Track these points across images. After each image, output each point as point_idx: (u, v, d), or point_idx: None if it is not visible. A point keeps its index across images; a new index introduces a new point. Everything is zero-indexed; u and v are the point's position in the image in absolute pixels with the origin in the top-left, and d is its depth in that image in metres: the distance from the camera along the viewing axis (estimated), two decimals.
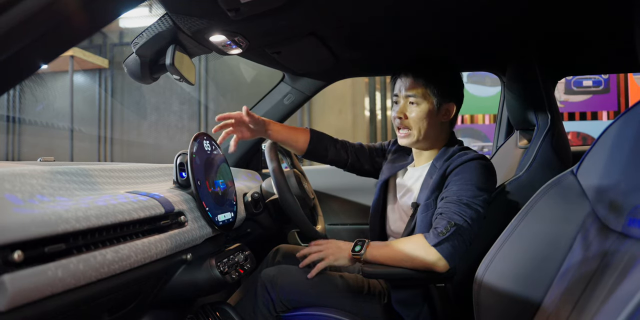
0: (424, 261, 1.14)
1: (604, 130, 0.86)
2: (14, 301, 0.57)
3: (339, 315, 1.27)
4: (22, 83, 0.52)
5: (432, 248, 1.13)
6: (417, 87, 1.30)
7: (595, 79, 4.12)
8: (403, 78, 1.33)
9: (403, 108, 1.32)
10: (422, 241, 1.16)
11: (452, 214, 1.16)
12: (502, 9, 1.17)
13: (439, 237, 1.13)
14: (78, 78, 5.15)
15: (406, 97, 1.32)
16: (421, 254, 1.14)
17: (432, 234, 1.15)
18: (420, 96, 1.30)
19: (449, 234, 1.12)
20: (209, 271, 1.04)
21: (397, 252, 1.17)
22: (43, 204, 0.68)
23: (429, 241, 1.14)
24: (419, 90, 1.30)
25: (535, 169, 1.36)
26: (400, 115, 1.32)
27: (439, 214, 1.18)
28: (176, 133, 4.99)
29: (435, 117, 1.32)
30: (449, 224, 1.14)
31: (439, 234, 1.13)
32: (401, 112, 1.32)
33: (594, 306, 0.73)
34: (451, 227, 1.13)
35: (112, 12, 0.56)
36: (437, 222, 1.17)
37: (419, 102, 1.30)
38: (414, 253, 1.15)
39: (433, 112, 1.31)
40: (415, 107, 1.31)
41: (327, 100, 4.44)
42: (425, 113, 1.30)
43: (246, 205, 1.41)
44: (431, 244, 1.13)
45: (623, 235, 0.76)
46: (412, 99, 1.31)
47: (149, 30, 1.13)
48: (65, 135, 4.88)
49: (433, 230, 1.16)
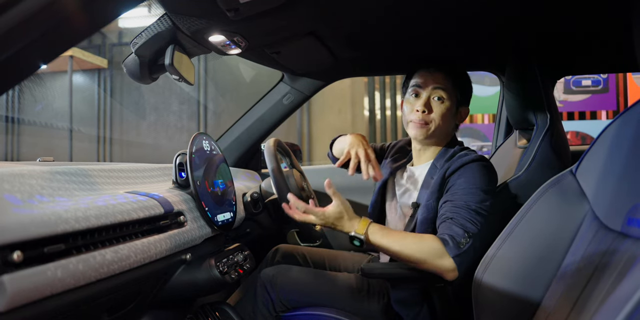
0: (437, 267, 1.09)
1: (603, 129, 0.86)
2: (13, 301, 0.57)
3: (339, 315, 1.27)
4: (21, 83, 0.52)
5: (450, 258, 1.08)
6: (447, 84, 1.29)
7: (594, 78, 4.12)
8: (433, 72, 1.30)
9: (427, 101, 1.29)
10: (440, 248, 1.09)
11: (464, 221, 1.12)
12: (501, 8, 1.18)
13: (459, 249, 1.08)
14: (77, 78, 5.15)
15: (434, 89, 1.29)
16: (437, 261, 1.08)
17: (450, 242, 1.09)
18: (448, 93, 1.29)
19: (467, 246, 1.09)
20: (209, 271, 1.04)
21: (406, 248, 1.11)
22: (42, 204, 0.68)
23: (449, 250, 1.08)
24: (447, 85, 1.29)
25: (534, 168, 1.36)
26: (425, 109, 1.28)
27: (449, 218, 1.14)
28: (175, 133, 4.99)
29: (453, 117, 1.33)
30: (467, 235, 1.10)
31: (458, 244, 1.08)
32: (427, 105, 1.29)
33: (593, 306, 0.73)
34: (469, 238, 1.10)
35: (112, 12, 0.56)
36: (448, 228, 1.12)
37: (445, 99, 1.29)
38: (429, 257, 1.09)
39: (452, 112, 1.32)
40: (440, 103, 1.29)
41: (327, 100, 4.44)
42: (447, 110, 1.29)
43: (245, 205, 1.41)
44: (451, 254, 1.08)
45: (622, 234, 0.76)
46: (440, 93, 1.29)
47: (148, 30, 1.13)
48: (64, 135, 4.88)
49: (450, 238, 1.10)
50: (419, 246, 1.10)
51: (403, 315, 1.24)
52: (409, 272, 1.17)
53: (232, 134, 1.88)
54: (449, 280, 1.10)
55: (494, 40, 1.44)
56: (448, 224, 1.14)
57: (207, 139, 1.23)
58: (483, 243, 1.08)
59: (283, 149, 1.60)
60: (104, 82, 5.18)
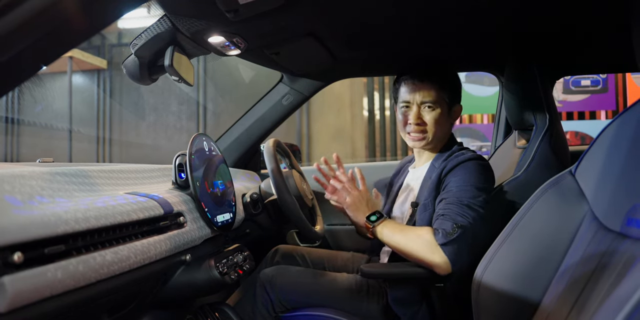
0: (427, 258, 1.12)
1: (603, 129, 0.86)
2: (13, 302, 0.57)
3: (338, 316, 1.27)
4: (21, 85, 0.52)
5: (438, 247, 1.11)
6: (431, 92, 1.30)
7: (593, 78, 4.12)
8: (417, 83, 1.31)
9: (418, 113, 1.31)
10: (430, 237, 1.13)
11: (455, 215, 1.14)
12: (500, 9, 1.18)
13: (447, 237, 1.11)
14: (77, 79, 5.15)
15: (422, 103, 1.31)
16: (426, 250, 1.12)
17: (440, 232, 1.13)
18: (436, 101, 1.30)
19: (456, 235, 1.11)
20: (208, 272, 1.04)
21: (405, 240, 1.17)
22: (42, 205, 0.68)
23: (437, 239, 1.12)
24: (434, 96, 1.30)
25: (533, 168, 1.36)
26: (418, 122, 1.31)
27: (441, 215, 1.17)
28: (175, 134, 4.98)
29: (448, 119, 1.34)
30: (455, 226, 1.12)
31: (447, 234, 1.11)
32: (418, 117, 1.31)
33: (593, 306, 0.73)
34: (458, 229, 1.11)
35: (112, 14, 0.56)
36: (440, 223, 1.15)
37: (435, 106, 1.30)
38: (419, 247, 1.14)
39: (446, 115, 1.32)
40: (431, 111, 1.30)
41: (326, 100, 4.44)
42: (439, 117, 1.30)
43: (245, 205, 1.41)
44: (439, 242, 1.11)
45: (621, 235, 0.76)
46: (428, 104, 1.30)
47: (148, 31, 1.13)
48: (64, 136, 4.87)
49: (441, 230, 1.13)
50: (415, 237, 1.17)
51: (401, 314, 1.24)
52: (407, 272, 1.17)
53: (232, 134, 1.88)
54: (442, 274, 1.13)
55: (493, 41, 1.45)
56: (440, 219, 1.16)
57: (206, 139, 1.23)
58: (481, 242, 1.08)
59: (282, 149, 1.60)
60: (103, 83, 5.18)
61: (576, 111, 4.17)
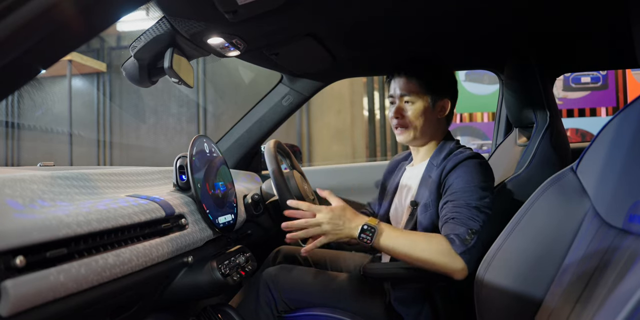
0: (447, 267, 1.08)
1: (603, 126, 0.86)
2: (16, 306, 0.57)
3: (341, 315, 1.27)
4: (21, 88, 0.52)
5: (458, 256, 1.08)
6: (410, 86, 1.32)
7: (593, 75, 4.12)
8: (397, 78, 1.35)
9: (399, 108, 1.34)
10: (447, 246, 1.08)
11: (467, 219, 1.12)
12: (500, 7, 1.18)
13: (465, 245, 1.08)
14: (76, 82, 5.15)
15: (401, 96, 1.33)
16: (446, 260, 1.08)
17: (457, 240, 1.09)
18: (415, 95, 1.32)
19: (473, 242, 1.09)
20: (211, 273, 1.04)
21: (416, 249, 1.10)
22: (44, 209, 0.68)
23: (455, 248, 1.08)
24: (413, 89, 1.32)
25: (534, 166, 1.36)
26: (397, 115, 1.34)
27: (451, 218, 1.14)
28: (175, 136, 4.99)
29: (431, 114, 1.34)
30: (470, 231, 1.10)
31: (464, 241, 1.08)
32: (398, 112, 1.34)
33: (596, 303, 0.73)
34: (473, 235, 1.10)
35: (111, 17, 0.56)
36: (452, 228, 1.12)
37: (414, 100, 1.32)
38: (438, 257, 1.08)
39: (429, 109, 1.33)
40: (410, 106, 1.33)
41: (326, 100, 4.44)
42: (420, 111, 1.32)
43: (246, 207, 1.41)
44: (458, 251, 1.08)
45: (624, 231, 0.76)
46: (407, 98, 1.33)
47: (147, 33, 1.13)
48: (64, 139, 4.88)
49: (456, 237, 1.10)
50: (428, 246, 1.10)
51: (404, 314, 1.24)
52: (411, 272, 1.17)
53: (232, 136, 1.88)
54: (458, 280, 1.09)
55: (492, 39, 1.45)
56: (451, 224, 1.14)
57: (207, 141, 1.23)
58: (485, 241, 1.08)
59: (283, 150, 1.60)
60: (103, 86, 5.18)
61: (576, 108, 4.16)
